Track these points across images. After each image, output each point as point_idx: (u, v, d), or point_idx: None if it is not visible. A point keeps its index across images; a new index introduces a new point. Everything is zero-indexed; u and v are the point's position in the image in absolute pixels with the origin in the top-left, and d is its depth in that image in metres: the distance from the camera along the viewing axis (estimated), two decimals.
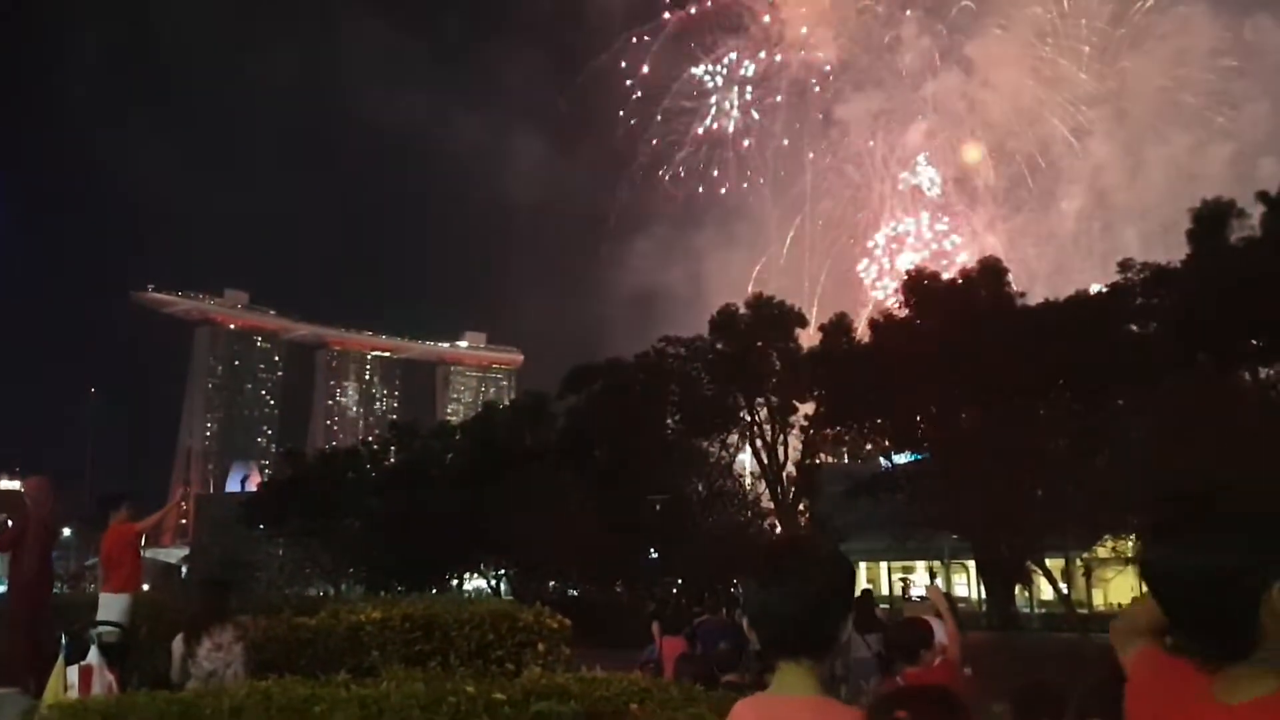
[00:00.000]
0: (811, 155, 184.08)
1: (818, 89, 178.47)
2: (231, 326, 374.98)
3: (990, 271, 49.67)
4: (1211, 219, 42.14)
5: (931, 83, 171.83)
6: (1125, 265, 45.10)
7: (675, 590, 53.75)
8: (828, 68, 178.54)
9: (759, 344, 57.84)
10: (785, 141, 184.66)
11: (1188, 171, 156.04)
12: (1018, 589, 54.07)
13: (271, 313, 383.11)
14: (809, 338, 58.28)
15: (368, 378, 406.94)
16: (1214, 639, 1.95)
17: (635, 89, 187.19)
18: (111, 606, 11.78)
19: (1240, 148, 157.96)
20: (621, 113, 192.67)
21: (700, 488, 57.18)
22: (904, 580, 51.91)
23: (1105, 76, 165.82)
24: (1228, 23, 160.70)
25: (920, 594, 37.79)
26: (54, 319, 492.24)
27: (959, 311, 44.94)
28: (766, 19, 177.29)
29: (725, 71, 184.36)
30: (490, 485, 56.92)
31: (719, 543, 46.08)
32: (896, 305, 51.03)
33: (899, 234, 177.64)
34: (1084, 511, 39.20)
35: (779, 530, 54.65)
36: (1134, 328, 43.55)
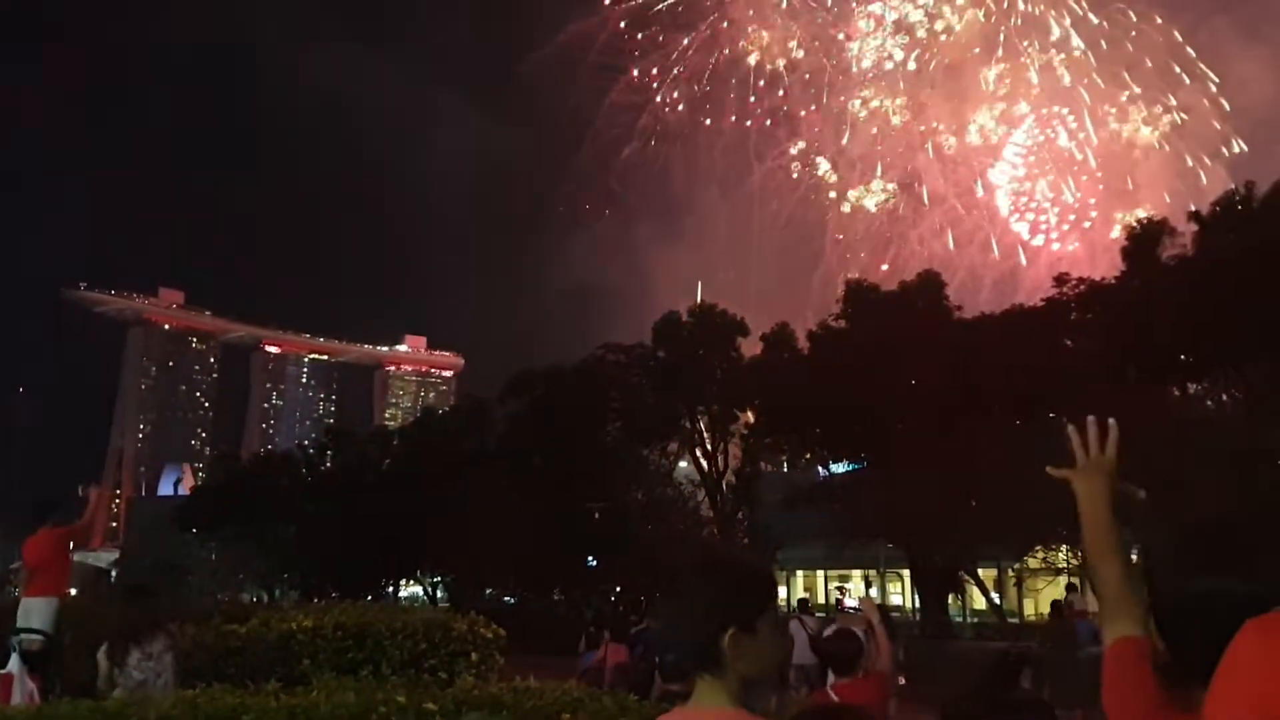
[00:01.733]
0: (759, 154, 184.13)
1: (764, 85, 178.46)
2: (166, 327, 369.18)
3: (928, 283, 50.26)
4: (1144, 236, 43.02)
5: (881, 86, 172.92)
6: (1061, 280, 45.85)
7: (614, 599, 53.76)
8: (780, 65, 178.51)
9: (700, 352, 58.04)
10: (732, 138, 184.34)
11: (1136, 179, 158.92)
12: (951, 598, 54.65)
13: (207, 313, 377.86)
14: (752, 345, 58.56)
15: (304, 380, 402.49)
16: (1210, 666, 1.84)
17: (580, 82, 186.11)
18: (35, 612, 11.52)
19: (1190, 151, 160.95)
20: (566, 106, 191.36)
21: (640, 496, 57.22)
22: (840, 589, 52.32)
23: (1055, 82, 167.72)
24: (1181, 28, 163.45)
25: (853, 604, 37.99)
26: None
27: (896, 323, 45.40)
28: (714, 16, 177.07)
29: (674, 68, 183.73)
30: (428, 491, 56.57)
31: (658, 551, 46.13)
32: (834, 317, 51.46)
33: (847, 236, 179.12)
34: (1016, 522, 39.74)
35: (715, 540, 54.85)
36: (1069, 342, 44.27)
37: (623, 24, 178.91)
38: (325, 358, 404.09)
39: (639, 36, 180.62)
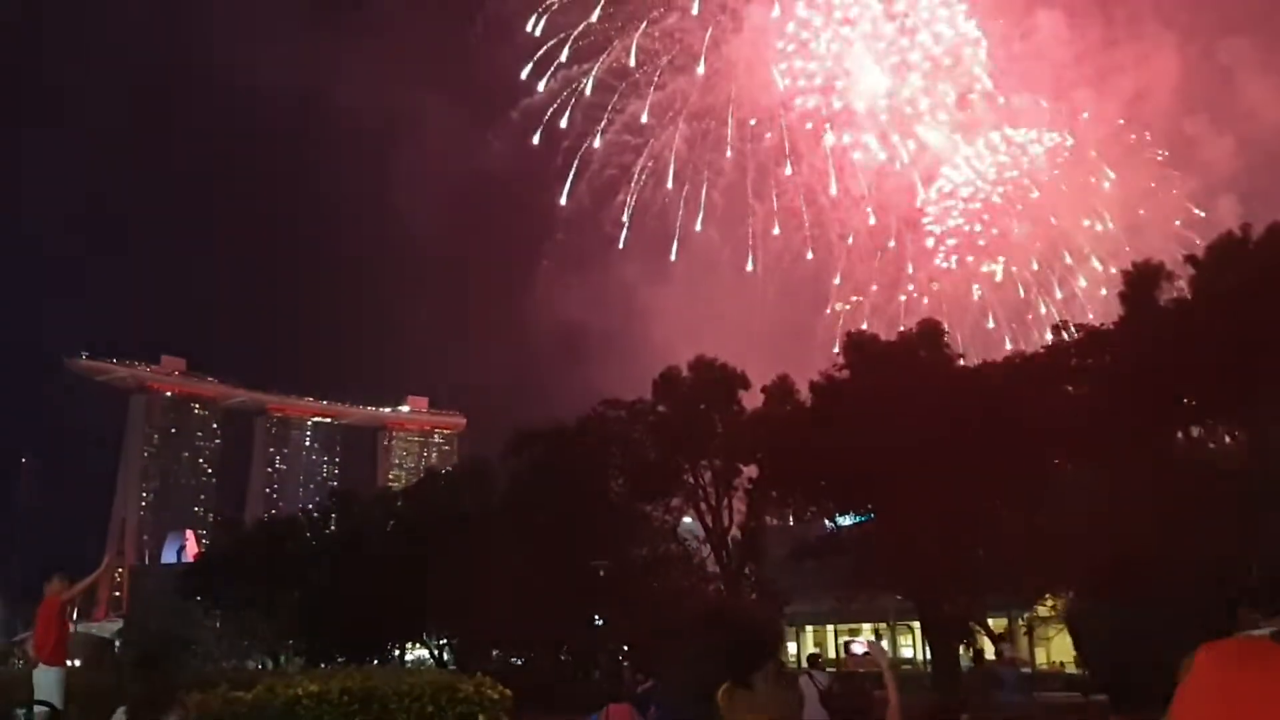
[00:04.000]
0: (753, 195, 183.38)
1: (763, 124, 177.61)
2: (168, 394, 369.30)
3: (928, 332, 50.36)
4: (1142, 281, 43.17)
5: (883, 121, 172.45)
6: (1060, 327, 46.02)
7: (621, 657, 53.33)
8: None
9: (701, 406, 57.94)
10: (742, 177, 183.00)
11: (1146, 213, 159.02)
12: (962, 649, 54.27)
13: (210, 380, 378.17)
14: (754, 398, 58.41)
15: (308, 444, 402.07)
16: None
17: (573, 124, 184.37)
18: (43, 685, 11.49)
19: (1201, 185, 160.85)
20: (560, 147, 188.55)
21: (644, 553, 56.91)
22: (847, 642, 52.07)
23: (1061, 113, 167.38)
24: (1192, 56, 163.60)
25: (860, 649, 37.85)
26: None
27: (898, 373, 45.43)
28: (713, 55, 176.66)
29: (672, 106, 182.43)
30: (432, 552, 56.31)
31: (664, 608, 45.83)
32: (836, 367, 51.50)
33: (852, 276, 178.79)
34: (1025, 571, 39.51)
35: (722, 596, 54.47)
36: (1070, 388, 44.29)
37: (619, 62, 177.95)
38: (328, 421, 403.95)
39: (635, 76, 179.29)
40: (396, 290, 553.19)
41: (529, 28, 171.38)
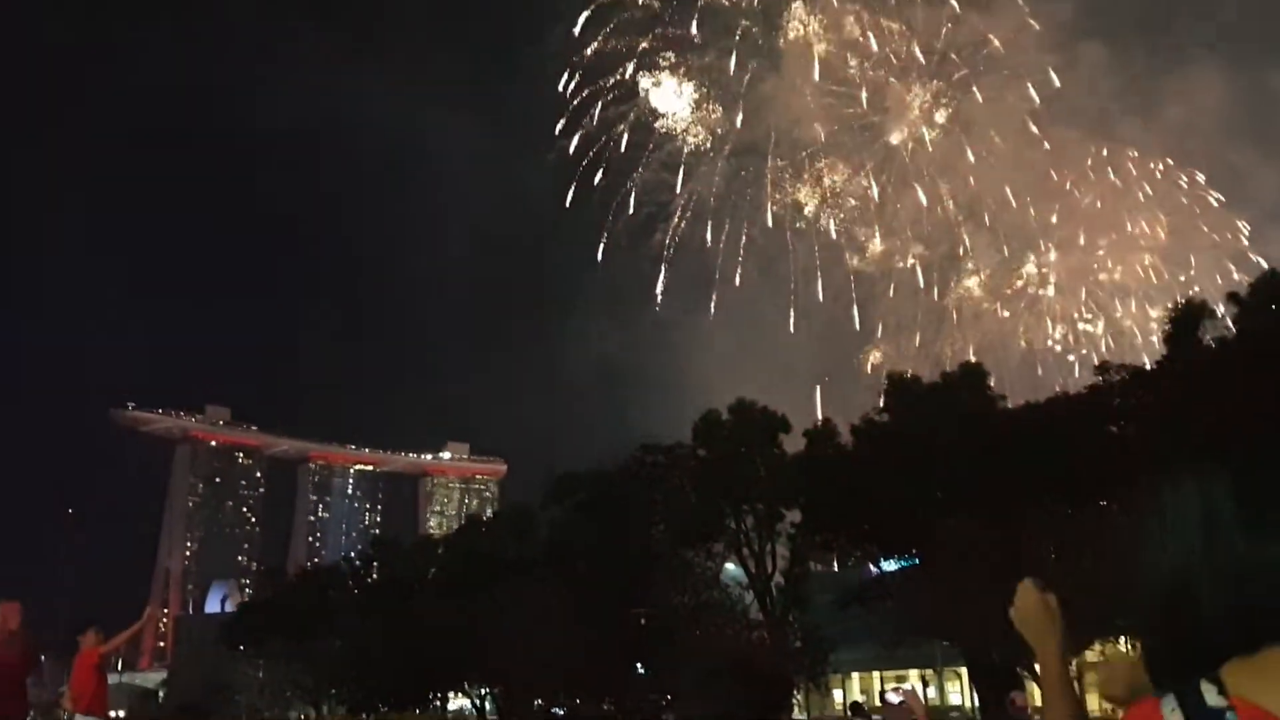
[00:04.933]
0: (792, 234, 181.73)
1: (803, 161, 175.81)
2: (212, 443, 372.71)
3: (970, 374, 50.01)
4: (1185, 320, 42.75)
5: (919, 158, 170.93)
6: (1103, 368, 45.57)
7: (665, 706, 52.80)
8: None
9: (742, 449, 57.53)
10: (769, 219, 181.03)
11: (1195, 249, 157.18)
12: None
13: (253, 428, 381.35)
14: (795, 441, 57.96)
15: (350, 492, 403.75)
16: None
17: (611, 166, 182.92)
18: None
19: (1251, 216, 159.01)
20: (598, 186, 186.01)
21: (687, 600, 56.46)
22: (895, 689, 51.41)
23: (1103, 149, 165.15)
24: (1240, 84, 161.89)
25: (894, 697, 37.32)
26: (29, 438, 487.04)
27: (941, 415, 45.10)
28: (749, 93, 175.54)
29: (709, 146, 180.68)
30: (473, 600, 56.14)
31: (707, 656, 45.40)
32: (877, 410, 51.20)
33: (894, 313, 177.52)
34: (1073, 614, 38.79)
35: (764, 643, 53.88)
36: (1114, 429, 43.77)
37: (655, 102, 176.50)
38: (370, 468, 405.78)
39: (671, 116, 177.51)
40: (436, 336, 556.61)
41: (561, 86, 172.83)
